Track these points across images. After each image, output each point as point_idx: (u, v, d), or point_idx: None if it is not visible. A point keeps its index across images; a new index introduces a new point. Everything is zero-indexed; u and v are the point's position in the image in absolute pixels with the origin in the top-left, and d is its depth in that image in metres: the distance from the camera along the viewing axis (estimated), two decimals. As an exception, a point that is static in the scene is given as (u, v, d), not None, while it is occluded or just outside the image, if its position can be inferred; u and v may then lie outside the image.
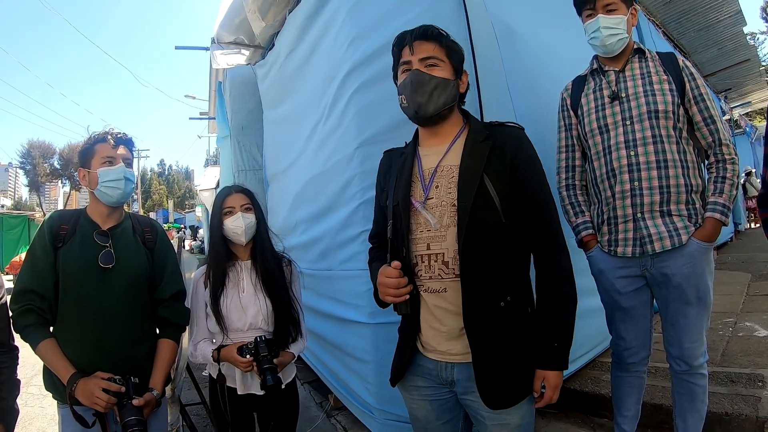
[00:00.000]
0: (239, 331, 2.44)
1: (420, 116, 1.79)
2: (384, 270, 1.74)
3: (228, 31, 6.02)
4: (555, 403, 1.78)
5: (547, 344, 1.70)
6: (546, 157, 2.91)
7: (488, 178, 1.67)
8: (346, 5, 3.26)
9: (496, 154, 1.72)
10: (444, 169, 1.77)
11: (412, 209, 1.78)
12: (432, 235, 1.73)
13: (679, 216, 2.35)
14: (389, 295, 1.72)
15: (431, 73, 1.75)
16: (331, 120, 3.56)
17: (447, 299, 1.72)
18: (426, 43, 1.79)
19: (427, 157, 1.85)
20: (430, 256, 1.73)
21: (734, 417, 2.91)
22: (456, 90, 1.80)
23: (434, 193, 1.76)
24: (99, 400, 1.95)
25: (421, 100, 1.75)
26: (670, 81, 2.42)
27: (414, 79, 1.76)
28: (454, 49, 1.82)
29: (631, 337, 2.55)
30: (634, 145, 2.40)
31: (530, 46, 3.49)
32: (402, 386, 1.93)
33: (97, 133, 2.31)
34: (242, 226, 2.46)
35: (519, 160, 1.72)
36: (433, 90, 1.75)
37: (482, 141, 1.75)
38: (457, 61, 1.82)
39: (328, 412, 4.06)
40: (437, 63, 1.77)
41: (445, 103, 1.77)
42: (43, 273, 2.12)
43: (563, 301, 1.73)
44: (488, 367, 1.67)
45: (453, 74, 1.80)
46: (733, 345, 4.10)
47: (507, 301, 1.68)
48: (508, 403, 1.69)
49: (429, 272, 1.74)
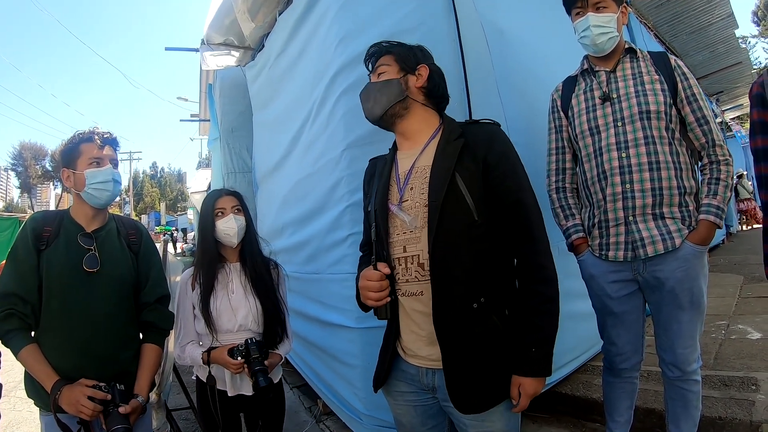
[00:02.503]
0: (229, 332, 2.46)
1: (372, 119, 1.92)
2: (366, 273, 1.73)
3: (218, 32, 5.99)
4: (546, 407, 1.74)
5: (523, 349, 1.65)
6: (536, 159, 2.91)
7: (460, 177, 1.67)
8: (335, 6, 3.22)
9: (469, 151, 1.71)
10: (418, 170, 1.78)
11: (389, 213, 1.79)
12: (408, 237, 1.73)
13: (672, 219, 2.31)
14: (370, 299, 1.72)
15: (378, 80, 1.87)
16: (318, 121, 3.53)
17: (423, 302, 1.70)
18: (380, 58, 1.93)
19: (403, 160, 1.87)
20: (407, 258, 1.74)
21: (728, 421, 2.89)
22: (401, 87, 1.84)
23: (409, 195, 1.77)
24: (84, 408, 1.92)
25: (368, 105, 1.91)
26: (661, 81, 2.39)
27: (363, 90, 1.95)
28: (399, 51, 1.91)
29: (623, 343, 2.51)
30: (626, 147, 2.36)
31: (520, 47, 3.47)
32: (386, 392, 1.93)
33: (82, 132, 2.25)
34: (235, 228, 2.49)
35: (492, 157, 1.71)
36: (377, 93, 1.86)
37: (455, 140, 1.75)
38: (404, 60, 1.89)
39: (317, 417, 4.02)
40: (385, 70, 1.89)
41: (390, 101, 1.84)
42: (26, 276, 2.07)
43: (541, 302, 1.68)
44: (459, 371, 1.65)
45: (399, 72, 1.87)
46: (726, 348, 4.09)
47: (481, 302, 1.65)
48: (480, 408, 1.66)
49: (406, 275, 1.74)
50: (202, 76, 8.33)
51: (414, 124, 1.86)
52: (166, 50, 7.46)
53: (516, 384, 1.66)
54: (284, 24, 4.36)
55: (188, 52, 7.23)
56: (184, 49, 7.44)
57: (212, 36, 6.06)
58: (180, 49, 7.51)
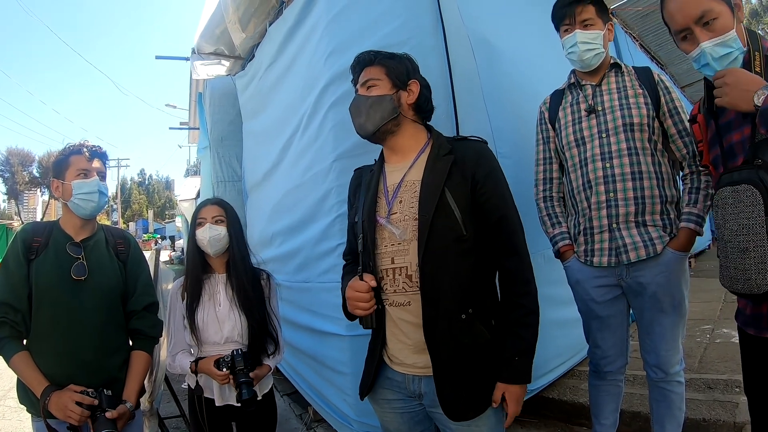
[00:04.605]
0: (216, 344, 2.44)
1: (364, 135, 1.92)
2: (354, 284, 1.77)
3: (209, 42, 6.01)
4: (533, 412, 1.80)
5: (508, 358, 1.71)
6: (523, 170, 2.96)
7: (449, 192, 1.71)
8: (325, 18, 3.27)
9: (458, 168, 1.76)
10: (407, 184, 1.82)
11: (377, 225, 1.82)
12: (396, 249, 1.77)
13: (654, 226, 2.38)
14: (358, 308, 1.75)
15: (369, 94, 1.86)
16: (308, 133, 3.57)
17: (411, 312, 1.74)
18: (366, 69, 1.93)
19: (392, 174, 1.90)
20: (395, 269, 1.77)
21: (712, 423, 2.95)
22: (394, 103, 1.85)
23: (398, 208, 1.81)
24: (72, 413, 1.95)
25: (360, 120, 1.90)
26: (645, 95, 2.46)
27: (353, 103, 1.93)
28: (391, 66, 1.90)
29: (608, 346, 2.56)
30: (610, 158, 2.43)
31: (507, 59, 3.52)
32: (372, 399, 1.96)
33: (73, 145, 2.30)
34: (207, 237, 2.46)
35: (480, 174, 1.75)
36: (369, 108, 1.86)
37: (444, 155, 1.79)
38: (396, 75, 1.89)
39: (307, 425, 4.03)
40: (375, 83, 1.88)
41: (383, 118, 1.84)
42: (17, 285, 2.10)
43: (525, 314, 1.74)
44: (449, 379, 1.70)
45: (392, 89, 1.87)
46: (711, 352, 4.15)
47: (469, 313, 1.70)
48: (470, 415, 1.70)
49: (394, 286, 1.77)
50: (192, 85, 8.31)
51: (404, 140, 1.90)
52: (157, 59, 7.49)
53: (500, 390, 1.71)
54: (275, 35, 4.39)
55: (178, 61, 7.26)
56: (174, 58, 7.46)
57: (203, 45, 6.09)
58: (171, 57, 7.54)
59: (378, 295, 1.79)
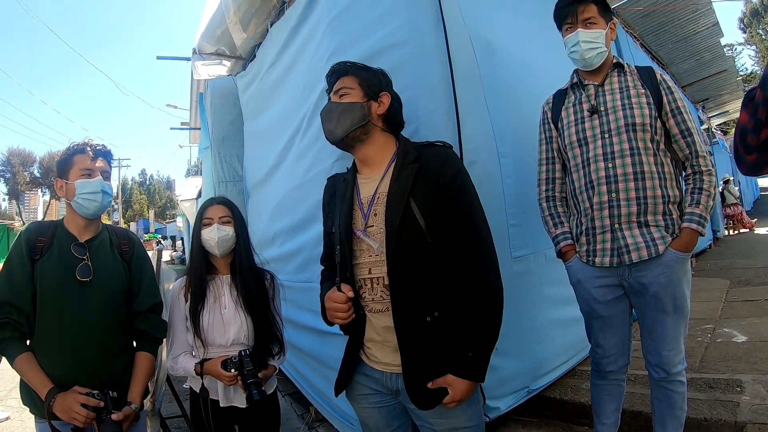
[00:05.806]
0: (222, 347, 2.43)
1: (332, 140, 1.97)
2: (332, 294, 1.85)
3: (210, 42, 6.00)
4: (534, 411, 1.82)
5: (462, 352, 1.75)
6: (525, 169, 2.96)
7: (414, 201, 1.77)
8: (326, 18, 3.27)
9: (422, 176, 1.81)
10: (380, 196, 1.88)
11: (354, 237, 1.89)
12: (373, 260, 1.85)
13: (656, 226, 2.38)
14: (337, 318, 1.85)
15: (341, 101, 1.93)
16: (310, 133, 3.58)
17: (390, 317, 1.81)
18: (341, 78, 2.01)
19: (364, 185, 1.96)
20: (372, 279, 1.86)
21: (713, 422, 2.94)
22: (363, 111, 1.91)
23: (373, 221, 1.87)
24: (77, 415, 1.95)
25: (330, 126, 1.97)
26: (647, 94, 2.46)
27: (324, 108, 2.01)
28: (364, 76, 1.98)
29: (610, 346, 2.57)
30: (612, 158, 2.43)
31: (508, 59, 3.51)
32: (350, 396, 2.04)
33: (76, 144, 2.30)
34: (215, 238, 2.44)
35: (445, 178, 1.80)
36: (340, 115, 1.93)
37: (410, 164, 1.83)
38: (369, 86, 1.96)
39: (309, 424, 4.03)
40: (347, 92, 1.96)
41: (352, 124, 1.91)
42: (21, 286, 2.10)
43: (489, 313, 1.79)
44: (415, 373, 1.78)
45: (363, 98, 1.95)
46: (712, 351, 4.14)
47: (434, 316, 1.78)
48: (434, 403, 1.76)
49: (372, 294, 1.87)
50: (194, 85, 8.30)
51: (373, 150, 1.96)
52: (158, 59, 7.48)
53: (446, 380, 1.75)
54: (276, 35, 4.40)
55: (179, 61, 7.25)
56: (175, 58, 7.45)
57: (204, 46, 6.07)
58: (172, 58, 7.52)
59: (357, 302, 1.87)
